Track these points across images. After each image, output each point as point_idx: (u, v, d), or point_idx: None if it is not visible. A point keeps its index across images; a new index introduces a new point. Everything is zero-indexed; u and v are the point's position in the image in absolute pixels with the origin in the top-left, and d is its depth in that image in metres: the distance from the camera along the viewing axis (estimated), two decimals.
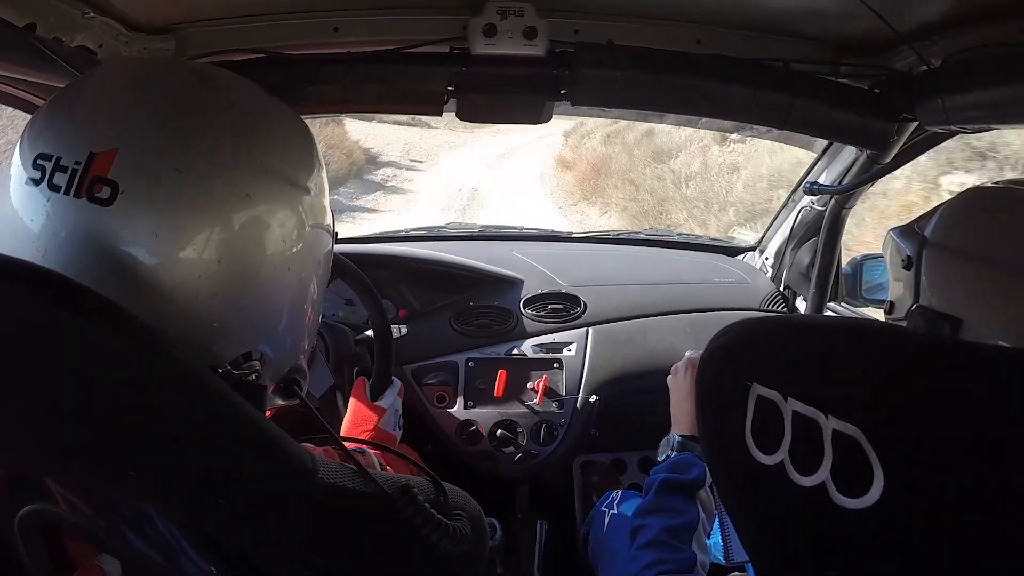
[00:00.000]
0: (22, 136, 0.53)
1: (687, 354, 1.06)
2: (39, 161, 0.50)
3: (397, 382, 1.11)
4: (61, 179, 0.49)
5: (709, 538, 0.86)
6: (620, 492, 1.07)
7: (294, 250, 0.58)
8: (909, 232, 0.72)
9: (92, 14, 0.85)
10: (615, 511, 1.04)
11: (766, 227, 1.81)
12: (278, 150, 0.57)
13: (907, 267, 0.70)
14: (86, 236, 0.49)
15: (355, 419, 1.05)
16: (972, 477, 0.36)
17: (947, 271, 0.65)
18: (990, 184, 0.69)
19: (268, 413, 0.80)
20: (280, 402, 0.70)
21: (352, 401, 1.07)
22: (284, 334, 0.61)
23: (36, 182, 0.49)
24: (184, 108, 0.54)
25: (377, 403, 1.06)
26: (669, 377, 1.06)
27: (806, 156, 1.59)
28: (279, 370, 0.64)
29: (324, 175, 0.63)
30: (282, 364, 0.64)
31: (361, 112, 1.23)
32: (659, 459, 0.94)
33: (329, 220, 0.65)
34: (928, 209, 0.75)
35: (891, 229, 0.78)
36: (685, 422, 0.98)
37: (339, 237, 1.87)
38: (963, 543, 0.37)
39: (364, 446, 0.84)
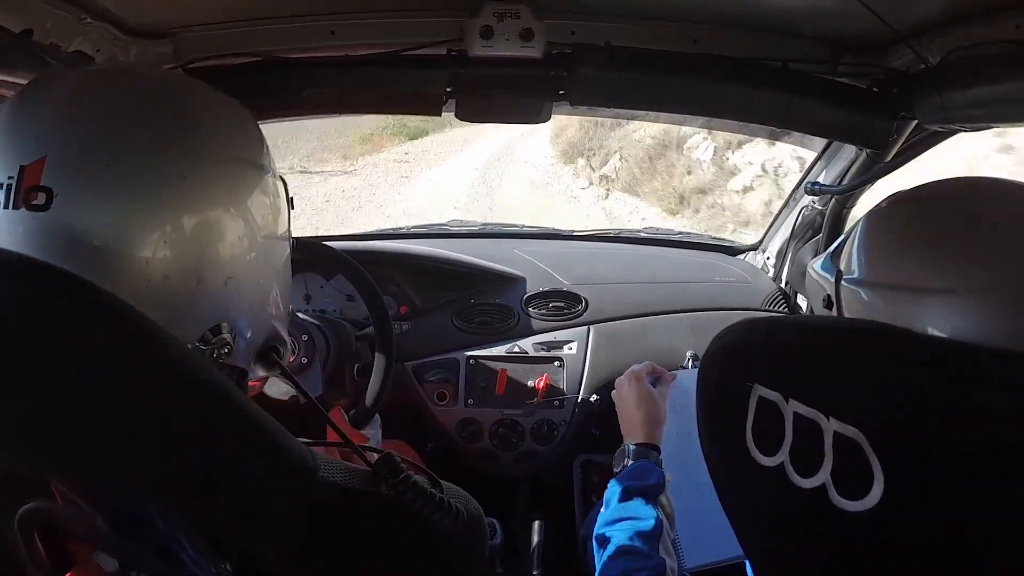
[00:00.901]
0: None
1: (630, 369, 1.10)
2: None
3: (377, 417, 1.12)
4: (0, 195, 0.50)
5: None
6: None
7: (244, 221, 0.59)
8: (826, 266, 0.71)
9: (89, 19, 0.85)
10: None
11: (767, 226, 1.81)
12: (213, 130, 0.59)
13: (828, 306, 0.69)
14: (34, 244, 0.50)
15: None
16: (971, 480, 0.36)
17: (862, 304, 0.63)
18: (884, 203, 0.68)
19: (254, 387, 0.79)
20: (262, 374, 0.70)
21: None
22: (251, 304, 0.62)
23: None
24: (109, 109, 0.55)
25: (361, 432, 1.08)
26: (613, 392, 1.09)
27: None
28: (254, 343, 0.65)
29: (268, 150, 0.64)
30: (256, 335, 0.65)
31: (359, 114, 1.23)
32: (615, 470, 0.95)
33: (281, 190, 0.66)
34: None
35: (809, 263, 0.77)
36: (638, 431, 1.00)
37: (339, 235, 1.86)
38: (962, 546, 0.37)
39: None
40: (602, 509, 0.92)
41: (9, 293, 0.43)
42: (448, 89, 1.00)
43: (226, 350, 0.59)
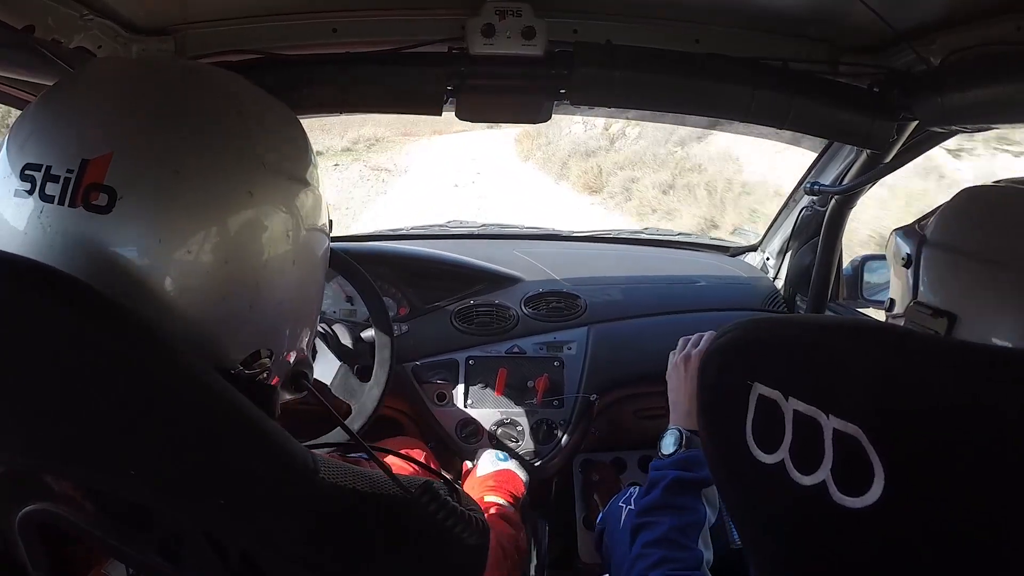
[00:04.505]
0: (6, 145, 0.50)
1: (688, 347, 1.04)
2: (28, 171, 0.48)
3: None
4: (53, 189, 0.46)
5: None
6: (637, 488, 1.06)
7: (298, 243, 0.56)
8: (910, 232, 0.73)
9: (91, 16, 0.85)
10: (632, 507, 1.04)
11: (767, 227, 1.81)
12: (275, 145, 0.56)
13: (906, 265, 0.71)
14: (85, 245, 0.47)
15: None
16: (972, 477, 0.37)
17: (944, 268, 0.65)
18: (990, 184, 0.69)
19: None
20: (288, 396, 0.70)
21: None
22: (291, 329, 0.61)
23: (27, 193, 0.47)
24: (177, 108, 0.52)
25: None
26: (668, 372, 1.05)
27: None
28: (287, 364, 0.64)
29: (318, 167, 0.62)
30: (290, 358, 0.64)
31: (360, 112, 1.23)
32: (663, 452, 0.92)
33: (326, 210, 0.64)
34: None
35: (894, 229, 0.78)
36: (692, 417, 0.96)
37: (339, 236, 1.88)
38: (963, 544, 0.37)
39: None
40: (630, 493, 0.89)
41: (10, 295, 0.43)
42: (448, 88, 1.00)
43: (265, 374, 0.57)
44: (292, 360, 0.64)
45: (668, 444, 0.92)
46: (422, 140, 16.29)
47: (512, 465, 1.23)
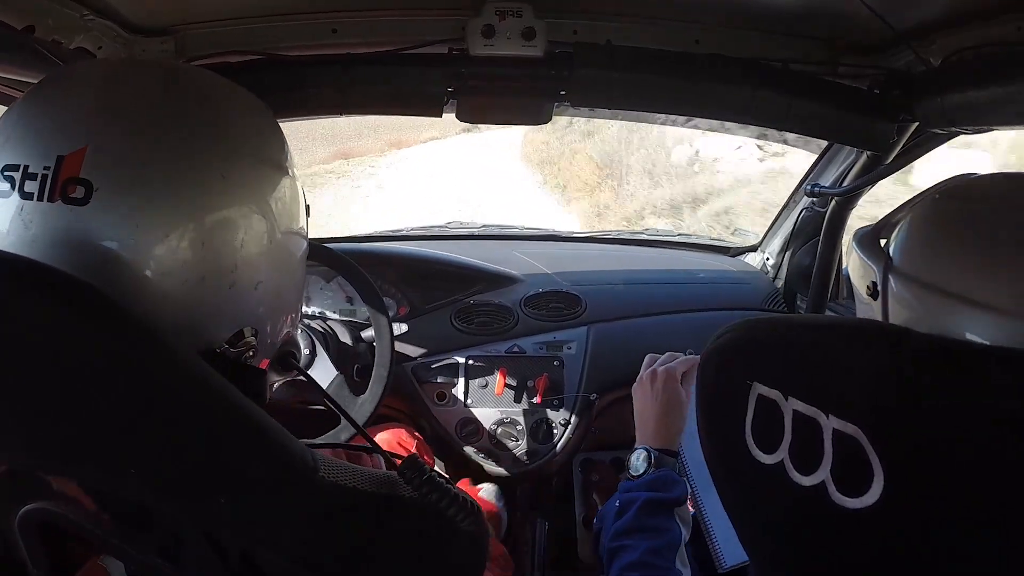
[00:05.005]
0: None
1: (655, 364, 1.03)
2: (6, 173, 0.49)
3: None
4: (32, 186, 0.48)
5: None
6: None
7: (274, 225, 0.58)
8: (873, 246, 0.63)
9: (91, 16, 0.85)
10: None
11: (767, 227, 1.81)
12: (248, 134, 0.58)
13: (873, 295, 0.60)
14: (66, 238, 0.48)
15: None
16: (971, 475, 0.37)
17: (918, 308, 0.54)
18: (962, 183, 0.58)
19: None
20: (277, 378, 0.70)
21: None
22: (274, 307, 0.62)
23: (6, 194, 0.49)
24: (149, 102, 0.54)
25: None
26: (636, 388, 1.02)
27: None
28: (272, 345, 0.65)
29: (290, 152, 0.64)
30: (275, 338, 0.64)
31: (360, 114, 1.23)
32: (632, 473, 0.91)
33: (302, 193, 0.65)
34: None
35: (855, 235, 0.67)
36: (659, 435, 0.95)
37: (339, 236, 1.88)
38: (962, 543, 0.38)
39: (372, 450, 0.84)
40: (614, 511, 0.90)
41: (9, 295, 0.43)
42: (449, 89, 1.01)
43: (251, 353, 0.59)
44: (279, 341, 0.65)
45: (637, 465, 0.91)
46: (365, 160, 11.23)
47: (504, 514, 1.35)
